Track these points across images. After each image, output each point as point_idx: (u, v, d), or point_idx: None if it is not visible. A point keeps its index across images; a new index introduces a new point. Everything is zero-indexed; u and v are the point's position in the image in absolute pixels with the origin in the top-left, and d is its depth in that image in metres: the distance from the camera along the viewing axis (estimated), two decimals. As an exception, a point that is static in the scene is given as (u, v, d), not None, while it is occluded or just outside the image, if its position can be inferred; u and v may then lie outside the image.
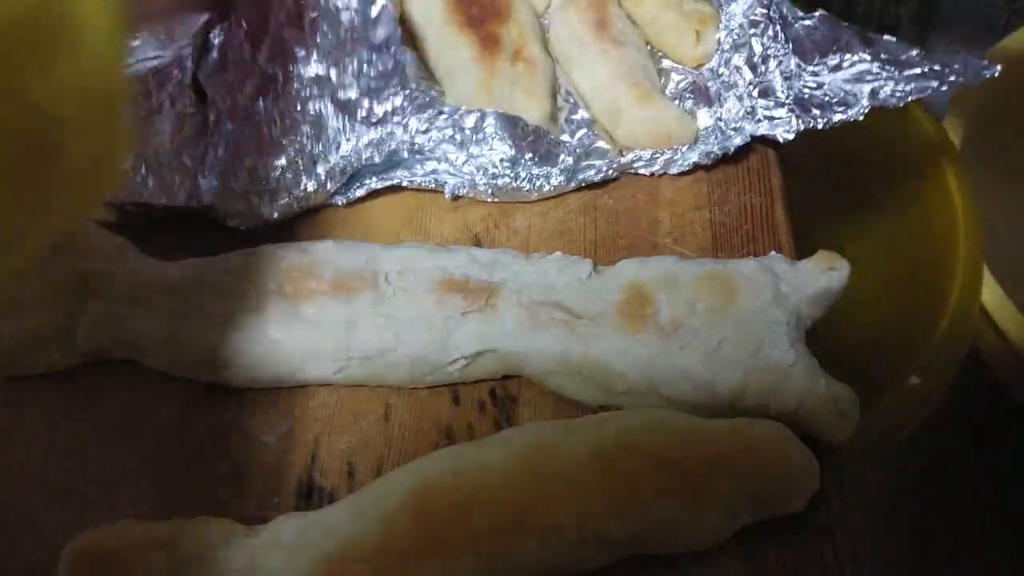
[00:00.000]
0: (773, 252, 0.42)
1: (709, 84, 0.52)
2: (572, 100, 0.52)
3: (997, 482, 0.72)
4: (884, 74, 0.47)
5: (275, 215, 0.46)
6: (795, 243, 0.45)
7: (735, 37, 0.51)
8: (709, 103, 0.51)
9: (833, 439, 0.38)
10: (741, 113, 0.49)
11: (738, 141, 0.48)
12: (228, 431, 0.40)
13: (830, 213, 0.67)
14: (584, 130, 0.51)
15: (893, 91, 0.47)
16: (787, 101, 0.48)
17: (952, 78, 0.47)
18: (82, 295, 0.41)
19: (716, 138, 0.49)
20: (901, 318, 0.61)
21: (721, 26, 0.52)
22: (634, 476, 0.35)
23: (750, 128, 0.49)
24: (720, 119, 0.50)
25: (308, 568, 0.33)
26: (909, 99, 0.47)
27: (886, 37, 0.49)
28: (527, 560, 0.34)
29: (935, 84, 0.47)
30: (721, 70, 0.51)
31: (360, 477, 0.38)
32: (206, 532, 0.34)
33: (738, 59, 0.50)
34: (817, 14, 0.50)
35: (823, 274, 0.40)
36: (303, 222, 0.47)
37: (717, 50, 0.52)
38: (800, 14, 0.51)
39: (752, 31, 0.50)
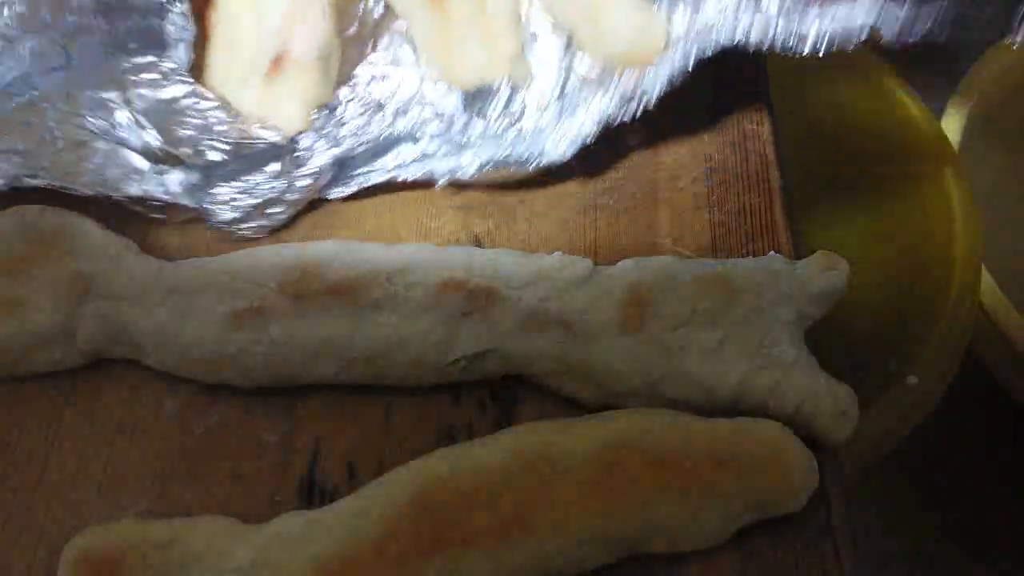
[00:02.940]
0: (772, 252, 0.43)
1: None
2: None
3: (996, 482, 0.72)
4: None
5: (283, 218, 0.46)
6: (794, 244, 0.46)
7: None
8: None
9: (833, 439, 0.38)
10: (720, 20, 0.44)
11: (709, 52, 0.43)
12: (228, 431, 0.40)
13: (828, 213, 0.68)
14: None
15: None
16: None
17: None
18: (82, 295, 0.41)
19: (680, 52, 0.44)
20: (900, 318, 0.61)
21: None
22: (634, 476, 0.35)
23: (726, 35, 0.43)
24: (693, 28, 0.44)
25: (308, 567, 0.33)
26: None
27: None
28: (527, 560, 0.34)
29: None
30: None
31: (360, 477, 0.39)
32: (206, 531, 0.34)
33: None
34: None
35: (822, 274, 0.40)
36: (304, 222, 0.47)
37: None
38: None
39: None
